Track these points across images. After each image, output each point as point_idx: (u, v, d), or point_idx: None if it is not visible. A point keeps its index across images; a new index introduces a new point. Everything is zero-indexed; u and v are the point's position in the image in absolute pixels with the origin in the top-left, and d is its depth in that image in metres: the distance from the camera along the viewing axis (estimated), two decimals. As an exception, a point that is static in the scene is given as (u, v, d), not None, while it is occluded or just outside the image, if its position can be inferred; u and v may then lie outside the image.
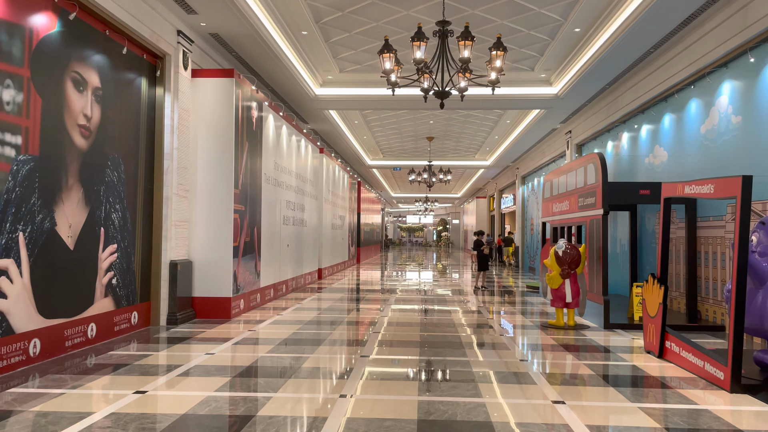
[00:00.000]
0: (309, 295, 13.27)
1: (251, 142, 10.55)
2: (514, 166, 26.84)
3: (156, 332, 8.20)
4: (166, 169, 8.84)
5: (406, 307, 11.35)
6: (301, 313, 10.25)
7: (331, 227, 19.74)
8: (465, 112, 17.20)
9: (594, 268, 9.50)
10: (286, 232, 13.31)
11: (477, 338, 7.97)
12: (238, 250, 9.84)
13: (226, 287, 9.45)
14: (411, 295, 13.65)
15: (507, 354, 6.95)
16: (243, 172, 10.08)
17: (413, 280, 18.20)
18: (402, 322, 9.36)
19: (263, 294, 11.34)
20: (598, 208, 9.28)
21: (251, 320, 9.39)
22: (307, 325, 8.89)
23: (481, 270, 15.10)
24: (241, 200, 10.00)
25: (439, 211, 69.68)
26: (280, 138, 12.77)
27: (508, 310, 11.18)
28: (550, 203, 12.65)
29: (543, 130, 18.02)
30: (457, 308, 11.21)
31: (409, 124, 19.16)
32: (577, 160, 10.71)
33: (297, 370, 6.00)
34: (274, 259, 12.19)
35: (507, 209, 31.52)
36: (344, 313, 10.38)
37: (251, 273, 10.57)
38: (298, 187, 14.57)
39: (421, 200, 42.50)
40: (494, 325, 9.23)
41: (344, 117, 17.82)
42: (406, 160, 26.63)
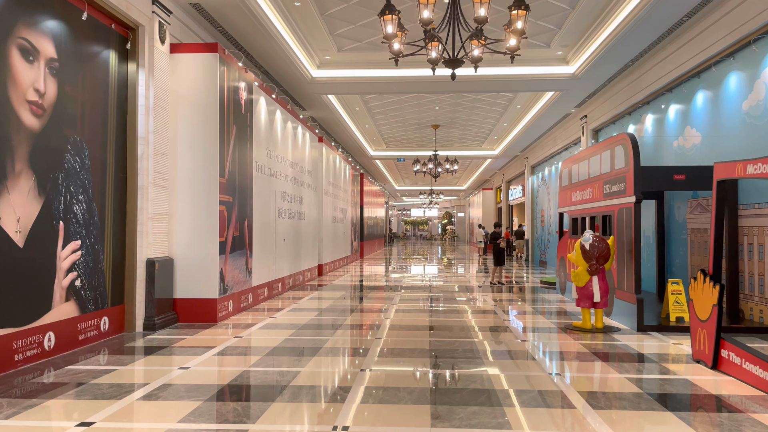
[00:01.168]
0: (307, 294, 12.27)
1: (240, 127, 9.53)
2: (523, 156, 25.74)
3: (130, 340, 7.21)
4: (141, 154, 7.83)
5: (412, 306, 10.34)
6: (297, 315, 9.26)
7: (332, 221, 18.72)
8: (473, 97, 16.13)
9: (623, 263, 8.45)
10: (282, 226, 12.30)
11: (495, 346, 6.95)
12: (225, 245, 8.83)
13: (212, 288, 8.46)
14: (417, 292, 12.64)
15: (533, 367, 5.93)
16: (230, 160, 9.07)
17: (419, 276, 17.19)
18: (408, 325, 8.35)
19: (255, 294, 10.34)
20: (629, 195, 8.22)
21: (240, 324, 8.40)
22: (302, 330, 7.89)
23: (498, 265, 14.13)
24: (229, 191, 8.99)
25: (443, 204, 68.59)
26: (274, 124, 11.74)
27: (524, 310, 10.15)
28: (569, 192, 11.60)
29: (556, 115, 16.93)
30: (468, 308, 10.20)
31: (413, 111, 18.10)
32: (601, 143, 9.65)
33: (282, 389, 4.99)
34: (268, 256, 11.19)
35: (515, 201, 30.45)
36: (344, 315, 9.38)
37: (241, 271, 9.58)
38: (295, 178, 13.55)
39: (426, 193, 41.40)
40: (512, 328, 8.21)
41: (344, 103, 16.77)
42: (410, 151, 25.57)
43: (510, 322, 8.71)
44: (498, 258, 14.07)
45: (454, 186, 48.18)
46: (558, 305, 10.60)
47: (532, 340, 7.28)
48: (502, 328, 8.18)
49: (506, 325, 8.38)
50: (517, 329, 8.06)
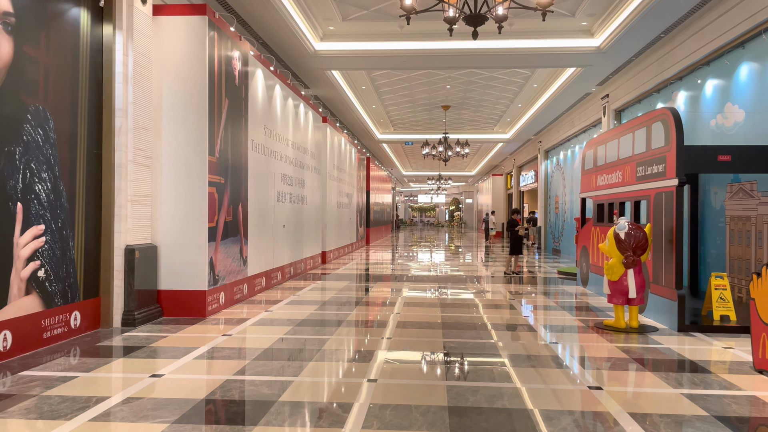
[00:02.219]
0: (309, 284, 11.42)
1: (233, 101, 8.62)
2: (536, 140, 24.70)
3: (105, 337, 6.38)
4: (119, 128, 6.94)
5: (421, 299, 9.47)
6: (296, 309, 8.41)
7: (336, 206, 17.84)
8: (487, 74, 15.11)
9: (660, 254, 7.52)
10: (282, 211, 11.42)
11: (516, 349, 6.06)
12: (216, 231, 7.97)
13: (200, 278, 7.61)
14: (427, 283, 11.76)
15: (569, 378, 5.04)
16: (221, 136, 8.17)
17: (428, 265, 16.30)
18: (417, 321, 7.48)
19: (251, 284, 9.49)
20: (670, 178, 7.27)
21: (232, 319, 7.56)
22: (299, 327, 7.03)
23: (514, 254, 13.27)
24: (220, 171, 8.10)
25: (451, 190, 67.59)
26: (273, 100, 10.82)
27: (545, 304, 9.25)
28: (593, 175, 10.64)
29: (575, 94, 15.90)
30: (483, 302, 9.31)
31: (423, 90, 17.10)
32: (635, 120, 8.67)
33: (267, 409, 4.13)
34: (265, 243, 10.32)
35: (526, 187, 29.44)
36: (348, 308, 8.52)
37: (235, 260, 8.72)
38: (296, 160, 12.65)
39: (434, 178, 40.42)
40: (535, 326, 7.32)
41: (350, 81, 15.79)
42: (419, 134, 24.58)
43: (530, 318, 7.81)
44: (515, 246, 13.15)
45: (462, 171, 47.14)
46: (581, 299, 9.69)
47: (558, 342, 6.39)
48: (523, 326, 7.30)
49: (527, 323, 7.49)
50: (540, 328, 7.17)
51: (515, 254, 13.24)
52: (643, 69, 12.41)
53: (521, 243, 13.35)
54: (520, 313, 8.21)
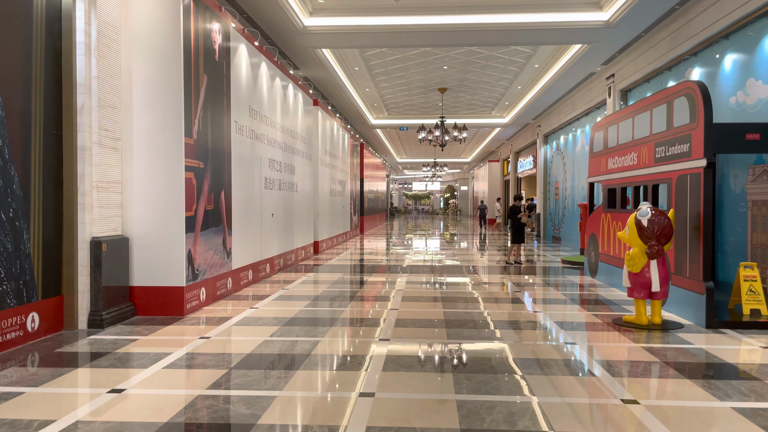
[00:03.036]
0: (300, 276, 10.71)
1: (213, 78, 7.85)
2: (535, 124, 23.97)
3: (68, 341, 5.66)
4: (81, 106, 6.17)
5: (421, 293, 8.78)
6: (284, 305, 7.70)
7: (329, 193, 17.09)
8: (487, 54, 14.33)
9: (684, 243, 6.85)
10: (270, 199, 10.67)
11: (534, 352, 5.39)
12: (195, 221, 7.23)
13: (177, 273, 6.88)
14: (426, 275, 11.07)
15: (596, 389, 4.36)
16: (200, 117, 7.40)
17: (426, 254, 15.61)
18: (417, 319, 6.79)
19: (236, 278, 8.77)
20: (696, 158, 6.57)
21: (213, 317, 6.85)
22: (287, 328, 6.32)
23: (516, 242, 12.60)
24: (198, 154, 7.35)
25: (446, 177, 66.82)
26: (259, 79, 10.03)
27: (554, 297, 8.58)
28: (603, 158, 9.94)
29: (578, 75, 15.15)
30: (488, 295, 8.63)
31: (419, 72, 16.31)
32: (652, 97, 7.96)
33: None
34: (252, 233, 9.59)
35: (524, 173, 28.74)
36: (341, 305, 7.83)
37: (217, 252, 7.99)
38: (285, 144, 11.88)
39: (430, 165, 39.67)
40: (548, 324, 6.64)
41: (342, 61, 14.98)
42: (414, 118, 23.78)
43: (541, 315, 7.13)
44: (517, 234, 12.46)
45: (457, 158, 46.39)
46: (591, 291, 9.03)
47: (576, 342, 5.72)
48: (533, 323, 6.62)
49: (537, 319, 6.81)
50: (553, 326, 6.49)
51: (517, 243, 12.56)
52: (654, 45, 11.67)
53: (524, 231, 12.67)
54: (529, 309, 7.53)
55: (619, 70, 13.69)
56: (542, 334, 6.11)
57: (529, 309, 7.48)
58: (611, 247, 9.41)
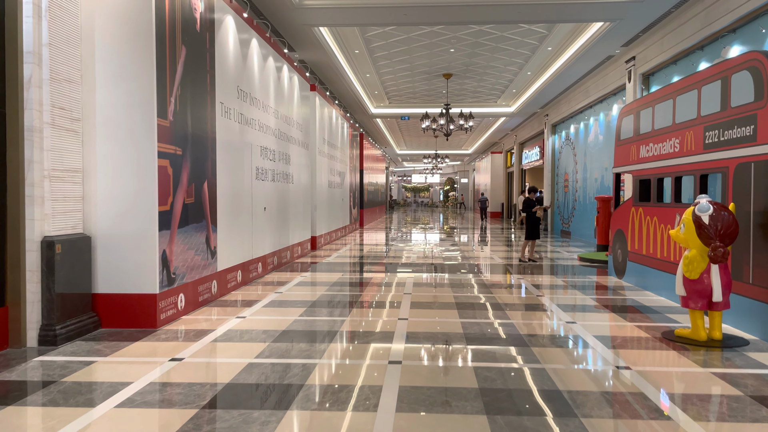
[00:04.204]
0: (295, 276, 9.68)
1: (193, 51, 6.78)
2: (542, 113, 22.91)
3: (9, 364, 4.63)
4: (28, 79, 5.11)
5: (431, 296, 7.76)
6: (276, 314, 6.68)
7: (327, 185, 16.04)
8: (498, 35, 13.25)
9: (747, 243, 5.83)
10: (262, 191, 9.63)
11: (582, 381, 4.36)
12: (171, 217, 6.19)
13: (148, 278, 5.84)
14: (433, 274, 10.05)
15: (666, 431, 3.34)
16: (177, 95, 6.35)
17: (431, 251, 14.58)
18: (431, 332, 5.77)
19: (223, 280, 7.74)
20: (764, 143, 5.55)
21: (191, 330, 5.82)
22: (277, 346, 5.30)
23: (531, 238, 11.62)
24: (175, 139, 6.29)
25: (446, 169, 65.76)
26: (249, 57, 8.96)
27: (583, 303, 7.57)
28: (634, 146, 8.90)
29: (595, 58, 14.09)
30: (507, 300, 7.62)
31: (423, 55, 15.23)
32: (701, 73, 6.91)
33: None
34: (241, 229, 8.55)
35: (529, 165, 27.68)
36: (341, 312, 6.81)
37: (199, 251, 6.95)
38: (280, 131, 10.82)
39: (431, 157, 38.59)
40: (586, 338, 5.62)
41: (341, 42, 13.89)
42: (416, 107, 22.70)
43: (575, 326, 6.12)
44: (533, 230, 11.44)
45: (458, 150, 45.33)
46: (622, 294, 8.02)
47: (628, 364, 4.70)
48: (569, 339, 5.61)
49: (572, 332, 5.80)
50: (596, 342, 5.48)
51: (532, 239, 11.55)
52: (684, 22, 10.61)
53: (539, 226, 11.64)
54: (559, 318, 6.51)
55: (641, 51, 12.64)
56: (584, 354, 5.10)
57: (560, 319, 6.46)
58: (643, 245, 8.40)
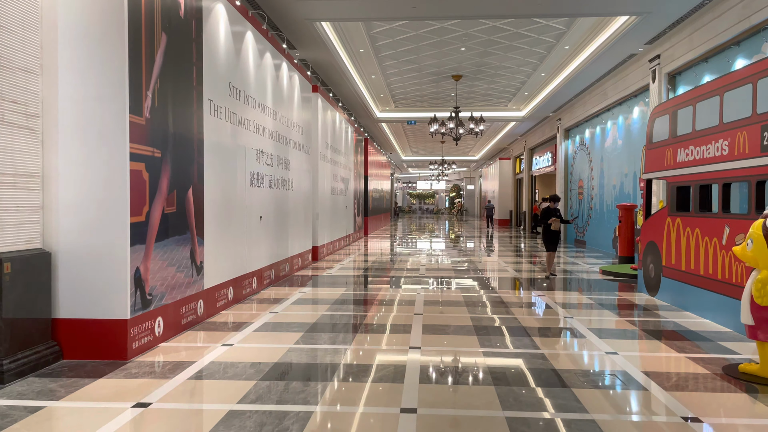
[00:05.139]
0: (294, 292, 8.82)
1: (176, 39, 5.96)
2: (554, 117, 22.04)
3: (-63, 410, 3.78)
4: (-30, 66, 4.29)
5: (446, 317, 6.88)
6: (268, 340, 5.82)
7: (330, 192, 15.20)
8: (513, 32, 12.41)
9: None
10: (258, 198, 8.79)
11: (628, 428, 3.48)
12: (147, 228, 5.34)
13: (118, 300, 4.99)
14: (446, 289, 9.18)
15: None
16: (155, 89, 5.52)
17: (443, 263, 13.69)
18: (445, 366, 4.89)
19: (210, 299, 6.88)
20: None
21: (167, 362, 4.97)
22: (266, 385, 4.43)
23: (551, 250, 10.69)
24: (153, 139, 5.46)
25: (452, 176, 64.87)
26: (244, 51, 8.15)
27: (619, 328, 6.68)
28: (670, 149, 8.02)
29: (615, 57, 13.22)
30: (533, 323, 6.73)
31: (432, 55, 14.40)
32: (761, 64, 6.03)
33: None
34: (233, 241, 7.71)
35: (540, 171, 26.78)
36: (344, 338, 5.94)
37: (182, 267, 6.10)
38: (278, 134, 9.99)
39: (437, 163, 37.73)
40: (636, 374, 4.73)
41: (345, 40, 13.07)
42: (423, 111, 21.86)
43: (617, 358, 5.22)
44: (551, 242, 10.52)
45: (465, 156, 44.46)
46: (658, 315, 7.12)
47: (692, 414, 3.81)
48: (615, 375, 4.72)
49: (616, 366, 4.91)
50: (645, 378, 4.58)
51: (552, 251, 10.64)
52: (717, 16, 9.75)
53: (558, 238, 10.70)
54: (597, 347, 5.62)
55: (668, 49, 11.77)
56: (639, 398, 4.21)
57: (598, 348, 5.57)
58: (682, 260, 7.50)
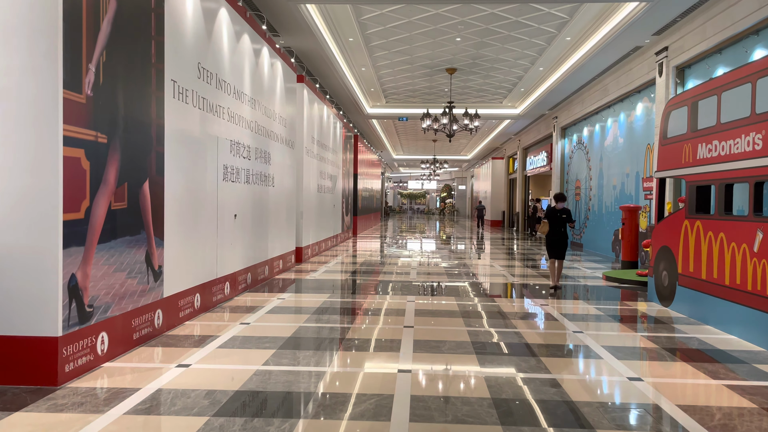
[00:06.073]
0: (272, 298, 7.98)
1: (128, 6, 5.10)
2: (551, 115, 21.32)
3: None
4: None
5: (438, 330, 6.07)
6: (233, 359, 4.98)
7: (316, 189, 14.35)
8: (512, 20, 11.62)
9: None
10: (233, 194, 7.93)
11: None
12: (87, 228, 4.49)
13: (47, 314, 4.14)
14: (439, 299, 8.38)
15: None
16: (100, 62, 4.66)
17: (435, 267, 12.89)
18: (441, 395, 4.08)
19: (172, 308, 6.02)
20: None
21: (106, 389, 4.12)
22: (220, 420, 3.59)
23: (555, 257, 9.22)
24: (97, 122, 4.60)
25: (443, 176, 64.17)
26: (216, 30, 7.30)
27: (639, 345, 5.90)
28: (687, 145, 7.26)
29: (619, 50, 12.48)
30: (539, 339, 5.94)
31: (425, 45, 13.59)
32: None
33: None
34: (201, 242, 6.85)
35: (534, 171, 26.07)
36: (319, 359, 5.11)
37: (135, 273, 5.24)
38: (257, 124, 9.14)
39: (429, 162, 36.94)
40: (666, 406, 3.94)
41: (333, 27, 12.23)
42: (415, 108, 21.06)
43: (645, 386, 4.43)
44: (556, 248, 9.15)
45: (457, 155, 43.72)
46: (680, 331, 6.34)
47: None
48: (646, 413, 3.92)
49: (645, 398, 4.12)
50: (684, 416, 3.79)
51: (558, 258, 9.24)
52: (734, 4, 9.02)
53: (561, 244, 9.19)
54: (618, 372, 4.82)
55: (676, 41, 11.03)
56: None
57: (619, 373, 4.77)
58: (702, 268, 6.74)
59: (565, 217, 9.10)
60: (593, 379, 4.60)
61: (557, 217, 9.14)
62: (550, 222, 9.16)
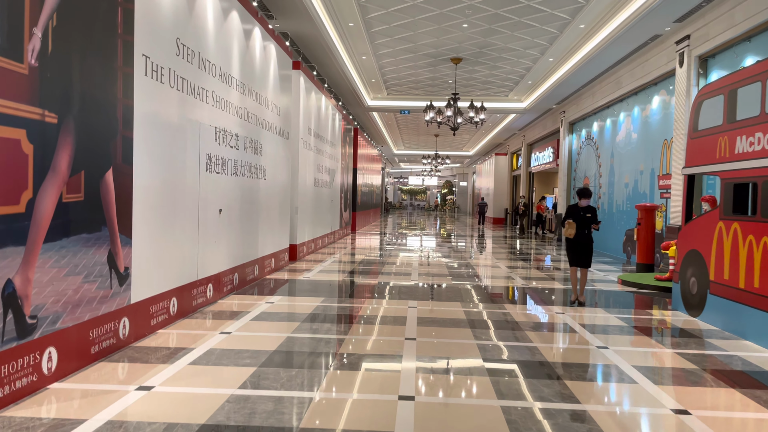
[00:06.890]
0: (259, 302, 7.25)
1: (87, -37, 4.35)
2: (558, 110, 20.57)
3: None
4: None
5: (441, 348, 5.35)
6: (204, 380, 4.25)
7: (313, 183, 13.60)
8: (524, 4, 10.85)
9: None
10: (217, 187, 7.19)
11: None
12: (29, 223, 3.75)
13: (-28, 330, 3.40)
14: (443, 305, 7.66)
15: None
16: (50, 27, 3.91)
17: (438, 266, 12.15)
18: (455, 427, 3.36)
19: (142, 316, 5.29)
20: None
21: (43, 421, 3.39)
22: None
23: (578, 265, 7.69)
24: (44, 98, 3.86)
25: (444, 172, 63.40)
26: (199, 3, 6.55)
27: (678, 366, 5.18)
28: (723, 138, 6.52)
29: (636, 38, 11.73)
30: (559, 356, 5.22)
31: (429, 32, 12.83)
32: None
33: None
34: (180, 239, 6.11)
35: (539, 168, 25.32)
36: (306, 381, 4.39)
37: (94, 276, 4.51)
38: (246, 110, 8.40)
39: (430, 157, 36.17)
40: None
41: (332, 10, 11.47)
42: (418, 100, 20.30)
43: (693, 422, 3.70)
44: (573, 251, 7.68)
45: (459, 151, 42.99)
46: (717, 347, 5.61)
47: None
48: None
49: (698, 438, 3.40)
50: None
51: (583, 267, 7.70)
52: (769, -15, 8.28)
53: (586, 250, 7.64)
54: (659, 401, 4.08)
55: (700, 28, 10.28)
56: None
57: (661, 404, 4.03)
58: (740, 276, 6.01)
59: (590, 216, 7.58)
60: (632, 412, 3.87)
61: (581, 217, 7.59)
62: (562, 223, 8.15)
